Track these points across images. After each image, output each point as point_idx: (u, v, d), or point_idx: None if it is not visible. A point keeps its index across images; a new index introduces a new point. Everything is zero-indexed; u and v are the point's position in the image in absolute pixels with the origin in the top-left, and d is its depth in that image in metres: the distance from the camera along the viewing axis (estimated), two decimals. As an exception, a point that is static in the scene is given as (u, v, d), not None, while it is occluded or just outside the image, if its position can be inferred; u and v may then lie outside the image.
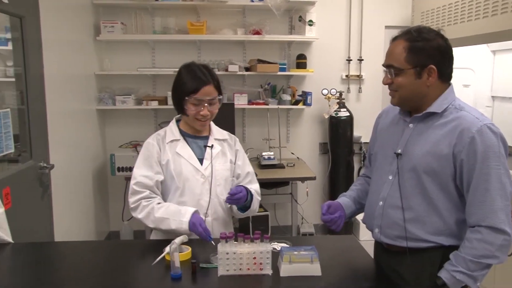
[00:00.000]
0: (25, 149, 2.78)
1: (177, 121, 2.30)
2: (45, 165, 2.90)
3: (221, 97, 2.21)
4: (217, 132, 2.33)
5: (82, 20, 4.10)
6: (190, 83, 2.12)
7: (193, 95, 2.11)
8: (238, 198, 2.11)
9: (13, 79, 2.84)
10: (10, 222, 2.08)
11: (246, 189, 2.19)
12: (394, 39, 1.77)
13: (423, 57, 1.69)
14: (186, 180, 2.16)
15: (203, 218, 2.13)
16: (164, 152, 2.19)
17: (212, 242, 1.95)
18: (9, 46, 2.81)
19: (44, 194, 2.94)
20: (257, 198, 2.28)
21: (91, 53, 4.33)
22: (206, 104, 2.13)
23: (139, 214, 2.11)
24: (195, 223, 2.01)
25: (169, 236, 2.13)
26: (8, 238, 2.03)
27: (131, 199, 2.13)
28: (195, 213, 2.07)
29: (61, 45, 3.46)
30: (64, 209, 3.40)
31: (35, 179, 2.84)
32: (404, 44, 1.71)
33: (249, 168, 2.36)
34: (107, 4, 4.44)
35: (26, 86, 2.75)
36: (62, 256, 2.00)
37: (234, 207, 2.25)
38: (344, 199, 2.05)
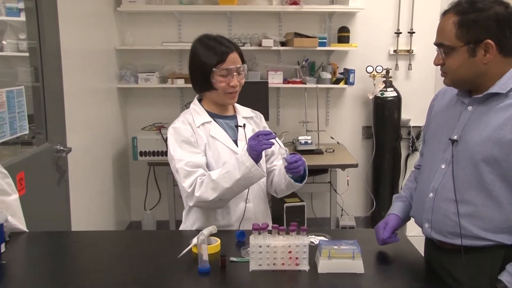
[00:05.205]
0: (40, 131, 2.83)
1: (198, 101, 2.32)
2: (61, 148, 2.94)
3: (245, 65, 2.22)
4: (242, 110, 2.36)
5: (101, -11, 4.15)
6: (215, 52, 2.13)
7: (220, 65, 2.12)
8: (298, 166, 2.09)
9: (27, 54, 2.89)
10: (24, 209, 2.13)
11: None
12: (444, 13, 1.71)
13: (476, 31, 1.62)
14: (225, 164, 2.13)
15: (245, 204, 2.18)
16: (199, 137, 2.19)
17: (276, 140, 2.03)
18: (22, 17, 2.85)
19: (60, 179, 3.00)
20: None
21: (111, 26, 4.38)
22: (235, 74, 2.15)
23: (198, 192, 2.06)
24: (251, 144, 2.01)
25: (200, 225, 2.18)
26: (23, 226, 2.08)
27: (186, 183, 2.09)
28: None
29: (78, 17, 3.50)
30: (82, 196, 3.47)
31: (51, 164, 2.89)
32: (454, 18, 1.65)
33: (278, 141, 2.36)
34: (129, -29, 4.46)
35: (41, 61, 2.79)
36: (79, 246, 2.03)
37: (289, 181, 2.23)
38: (400, 207, 2.01)
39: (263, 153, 2.20)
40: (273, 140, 2.02)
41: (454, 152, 1.72)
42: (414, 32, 4.81)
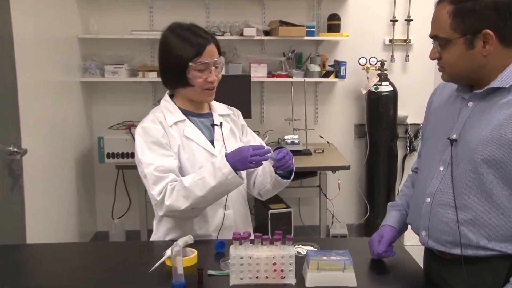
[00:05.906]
0: (-10, 130, 2.79)
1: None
2: (15, 149, 2.90)
3: (223, 58, 2.24)
4: (218, 107, 2.37)
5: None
6: (191, 45, 2.12)
7: (197, 59, 2.11)
8: (287, 161, 2.10)
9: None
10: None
11: None
12: (438, 3, 1.72)
13: (473, 21, 1.63)
14: (200, 168, 2.14)
15: (223, 211, 2.19)
16: (171, 138, 2.19)
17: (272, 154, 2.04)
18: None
19: (14, 185, 2.96)
20: None
21: (72, 12, 4.35)
22: (213, 68, 2.15)
23: (168, 200, 2.06)
24: (240, 158, 2.01)
25: (174, 236, 2.17)
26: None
27: (155, 190, 2.07)
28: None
29: (33, 1, 3.46)
30: (39, 204, 3.43)
31: (3, 167, 2.85)
32: (449, 7, 1.65)
33: (260, 139, 2.42)
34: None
35: (-10, 51, 2.76)
36: (36, 261, 2.02)
37: (275, 179, 2.24)
38: (395, 217, 2.02)
39: None
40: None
41: (453, 153, 1.73)
42: (411, 20, 4.85)
